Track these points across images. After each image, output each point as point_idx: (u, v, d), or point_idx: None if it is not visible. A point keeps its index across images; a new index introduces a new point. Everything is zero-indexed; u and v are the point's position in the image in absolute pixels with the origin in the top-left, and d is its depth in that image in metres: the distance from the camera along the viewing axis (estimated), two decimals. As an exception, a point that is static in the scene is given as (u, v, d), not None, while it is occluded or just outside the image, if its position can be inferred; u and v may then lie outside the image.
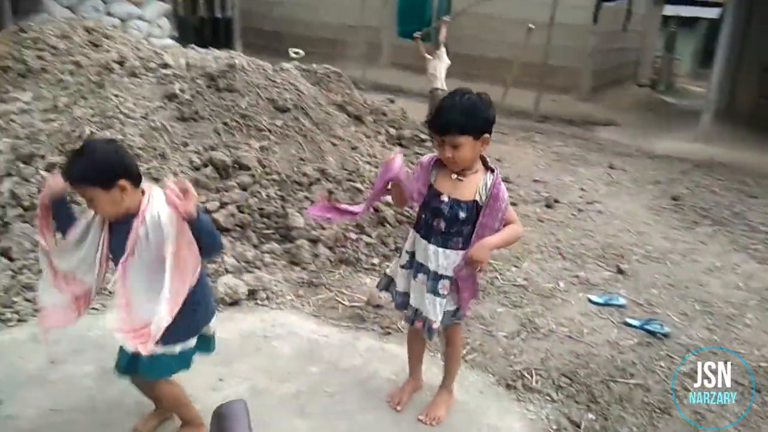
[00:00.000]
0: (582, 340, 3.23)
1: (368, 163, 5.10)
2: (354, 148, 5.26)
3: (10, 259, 3.41)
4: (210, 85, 4.73)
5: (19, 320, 2.96)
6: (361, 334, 3.11)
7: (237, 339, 2.95)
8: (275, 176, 4.28)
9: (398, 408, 2.51)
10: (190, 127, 4.44)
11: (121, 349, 2.03)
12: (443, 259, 2.23)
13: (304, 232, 3.92)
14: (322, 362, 2.85)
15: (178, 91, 4.54)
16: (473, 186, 2.19)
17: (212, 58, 5.13)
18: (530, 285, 3.81)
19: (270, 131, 4.65)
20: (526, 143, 8.52)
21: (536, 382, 2.81)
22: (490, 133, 2.14)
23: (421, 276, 2.29)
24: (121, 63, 4.98)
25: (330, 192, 4.40)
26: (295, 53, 8.96)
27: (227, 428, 1.32)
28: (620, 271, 4.17)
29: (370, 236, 4.13)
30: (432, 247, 2.24)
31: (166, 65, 4.91)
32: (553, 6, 10.36)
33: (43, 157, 4.03)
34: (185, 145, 4.30)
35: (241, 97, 4.74)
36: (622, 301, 3.72)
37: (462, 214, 2.18)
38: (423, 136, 7.56)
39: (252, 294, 3.30)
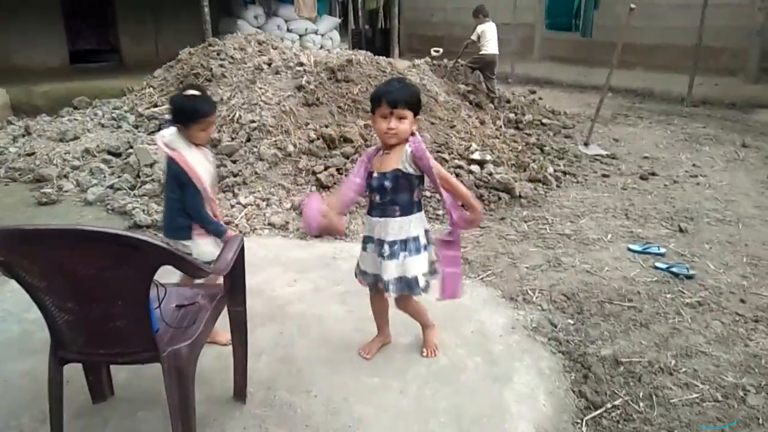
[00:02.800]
0: (598, 274, 3.65)
1: (462, 138, 5.82)
2: (452, 127, 6.00)
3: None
4: (330, 77, 5.85)
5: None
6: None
7: (313, 258, 3.94)
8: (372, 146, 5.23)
9: (368, 356, 2.81)
10: (311, 110, 5.59)
11: None
12: (383, 227, 2.50)
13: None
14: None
15: (305, 83, 5.73)
16: (396, 157, 2.42)
17: (336, 55, 6.25)
18: (575, 235, 4.24)
19: (375, 112, 5.61)
20: (659, 125, 8.41)
21: (535, 297, 3.35)
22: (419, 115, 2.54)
23: (370, 246, 2.58)
24: (269, 64, 6.34)
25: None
26: (435, 51, 9.83)
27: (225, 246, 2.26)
28: (681, 230, 4.36)
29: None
30: (374, 219, 2.53)
31: (301, 63, 6.15)
32: (707, -15, 9.87)
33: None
34: (306, 124, 5.45)
35: (354, 85, 5.78)
36: (662, 250, 3.98)
37: (387, 183, 2.42)
38: (545, 121, 7.99)
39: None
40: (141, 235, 1.68)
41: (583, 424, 2.39)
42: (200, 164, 2.74)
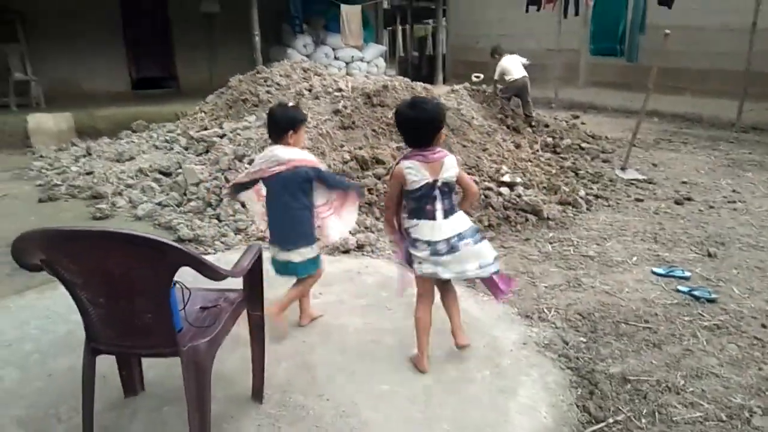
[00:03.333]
0: (617, 295, 3.68)
1: (494, 161, 5.93)
2: (485, 150, 6.12)
3: (219, 220, 5.12)
4: (366, 102, 6.10)
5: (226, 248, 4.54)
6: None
7: (339, 272, 4.12)
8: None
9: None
10: (347, 133, 5.84)
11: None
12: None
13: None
14: (391, 289, 3.84)
15: (341, 107, 5.99)
16: None
17: (373, 81, 6.51)
18: (598, 257, 4.27)
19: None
20: (703, 151, 8.27)
21: (551, 316, 3.42)
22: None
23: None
24: (310, 90, 6.65)
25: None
26: (476, 77, 10.03)
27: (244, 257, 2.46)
28: (710, 255, 4.32)
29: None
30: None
31: (339, 89, 6.44)
32: (756, 10, 9.72)
33: (247, 155, 5.78)
34: (341, 146, 5.70)
35: (389, 110, 6.00)
36: (686, 274, 3.96)
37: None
38: (584, 145, 8.01)
39: (360, 247, 4.46)
40: (163, 239, 1.90)
41: (583, 436, 2.45)
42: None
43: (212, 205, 5.37)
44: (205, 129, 7.73)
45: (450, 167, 2.74)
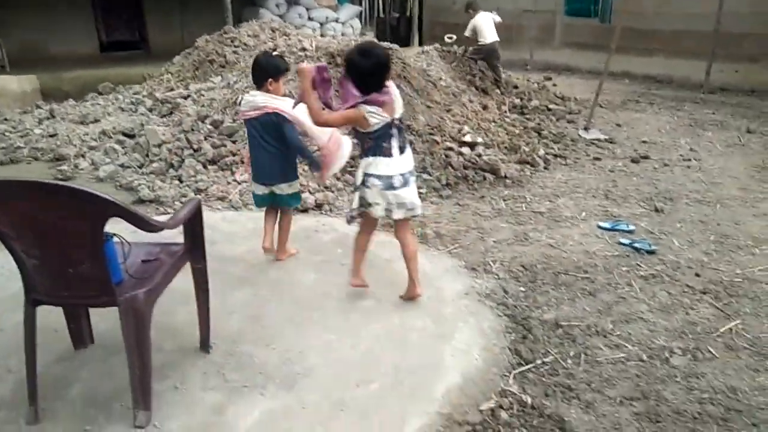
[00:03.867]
0: (560, 248, 3.81)
1: (456, 121, 5.99)
2: (448, 110, 6.17)
3: (180, 181, 5.14)
4: (330, 62, 6.08)
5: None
6: (381, 232, 4.10)
7: (297, 230, 4.17)
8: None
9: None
10: (310, 93, 5.83)
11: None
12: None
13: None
14: (347, 247, 3.93)
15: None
16: None
17: (338, 41, 6.48)
18: (549, 213, 4.40)
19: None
20: (668, 111, 8.40)
21: (495, 268, 3.54)
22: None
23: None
24: (274, 49, 6.60)
25: (411, 143, 5.41)
26: (449, 38, 9.95)
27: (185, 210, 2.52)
28: (657, 210, 4.46)
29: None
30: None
31: (303, 49, 6.40)
32: (725, -31, 9.73)
33: (210, 116, 5.77)
34: (304, 106, 5.70)
35: (352, 70, 5.98)
36: (631, 227, 4.11)
37: None
38: (551, 106, 8.08)
39: (318, 206, 4.53)
40: (91, 190, 1.96)
41: (511, 377, 2.59)
42: (294, 108, 3.18)
43: (174, 167, 5.39)
44: (171, 90, 7.67)
45: (399, 102, 2.90)
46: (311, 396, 2.49)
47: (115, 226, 2.15)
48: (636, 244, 3.81)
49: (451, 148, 5.39)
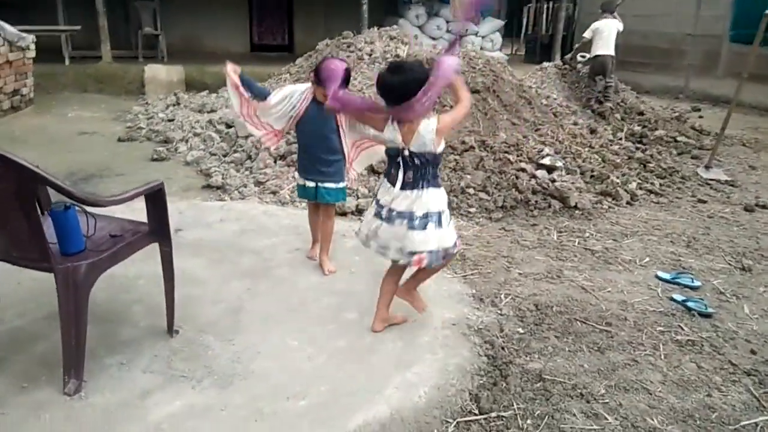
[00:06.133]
0: (593, 292, 3.30)
1: (542, 142, 5.53)
2: (536, 130, 5.72)
3: (250, 172, 5.31)
4: (418, 69, 5.94)
5: (240, 198, 4.75)
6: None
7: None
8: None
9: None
10: (391, 100, 5.74)
11: None
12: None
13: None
14: (366, 256, 3.77)
15: (391, 73, 5.89)
16: None
17: (438, 51, 6.32)
18: (603, 252, 3.85)
19: (452, 106, 5.59)
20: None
21: (503, 302, 3.16)
22: None
23: None
24: (370, 54, 6.62)
25: (481, 159, 5.09)
26: (581, 56, 9.31)
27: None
28: (743, 268, 3.72)
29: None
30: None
31: (397, 56, 6.33)
32: None
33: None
34: (382, 112, 5.62)
35: (438, 80, 5.79)
36: (696, 283, 3.45)
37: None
38: (679, 138, 7.24)
39: (359, 212, 4.42)
40: (16, 157, 2.04)
41: (452, 424, 2.27)
42: None
43: (251, 158, 5.60)
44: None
45: (424, 136, 2.52)
46: (238, 399, 2.39)
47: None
48: (689, 303, 3.18)
49: (523, 169, 4.98)
